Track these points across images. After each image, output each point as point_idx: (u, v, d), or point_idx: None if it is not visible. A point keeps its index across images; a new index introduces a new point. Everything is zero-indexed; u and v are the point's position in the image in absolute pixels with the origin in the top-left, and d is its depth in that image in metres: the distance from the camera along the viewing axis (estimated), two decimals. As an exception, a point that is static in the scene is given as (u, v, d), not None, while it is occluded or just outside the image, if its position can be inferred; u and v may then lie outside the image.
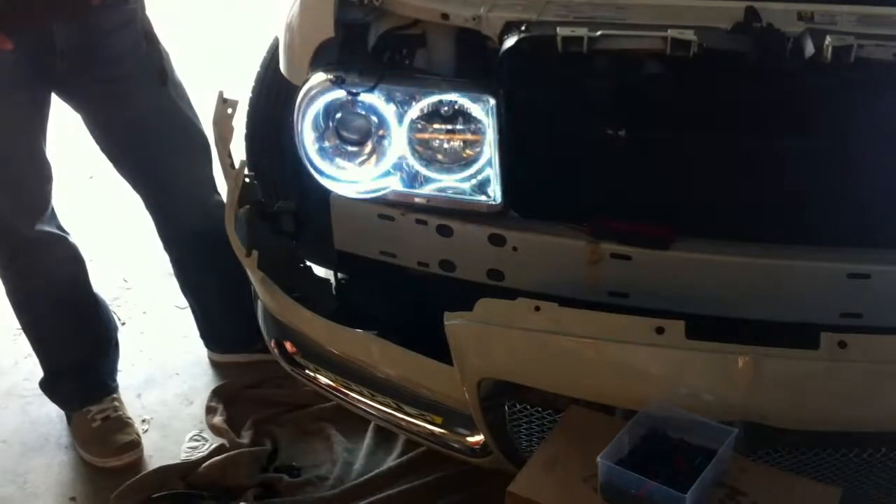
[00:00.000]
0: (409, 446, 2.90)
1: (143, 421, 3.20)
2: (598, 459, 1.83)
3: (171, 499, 2.84)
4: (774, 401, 1.92)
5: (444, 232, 2.27)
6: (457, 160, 2.24)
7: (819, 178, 2.05)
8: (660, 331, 1.93)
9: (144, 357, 3.46)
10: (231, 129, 2.48)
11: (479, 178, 2.22)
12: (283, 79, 2.45)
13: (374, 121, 2.25)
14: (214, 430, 3.10)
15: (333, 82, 2.22)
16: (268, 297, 2.47)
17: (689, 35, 1.93)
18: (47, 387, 3.17)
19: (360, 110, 2.25)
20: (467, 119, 2.19)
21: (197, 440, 3.10)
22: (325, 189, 2.37)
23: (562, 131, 2.15)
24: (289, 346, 2.60)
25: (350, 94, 2.22)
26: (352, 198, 2.35)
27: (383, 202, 2.32)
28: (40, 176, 2.86)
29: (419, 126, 2.22)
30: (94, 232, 3.74)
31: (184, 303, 3.41)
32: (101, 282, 3.23)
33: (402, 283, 2.42)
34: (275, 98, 2.58)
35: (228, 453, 2.94)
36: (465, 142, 2.22)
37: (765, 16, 1.96)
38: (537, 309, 2.02)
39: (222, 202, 2.88)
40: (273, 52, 2.62)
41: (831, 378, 1.90)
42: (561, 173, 2.19)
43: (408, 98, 2.20)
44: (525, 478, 1.93)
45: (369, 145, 2.27)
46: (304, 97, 2.26)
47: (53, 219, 2.96)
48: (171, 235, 3.17)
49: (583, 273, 2.16)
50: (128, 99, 2.80)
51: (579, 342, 2.01)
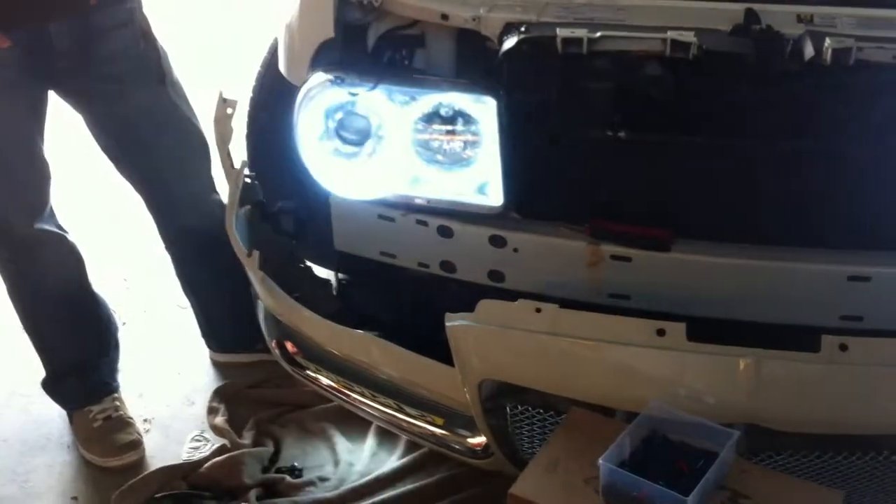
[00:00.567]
0: (410, 447, 2.90)
1: (145, 421, 3.20)
2: (600, 462, 1.83)
3: (173, 499, 2.84)
4: (775, 403, 1.92)
5: (445, 233, 2.26)
6: (457, 161, 2.23)
7: (819, 180, 2.04)
8: (661, 333, 1.93)
9: (146, 357, 3.46)
10: (231, 129, 2.48)
11: (480, 180, 2.21)
12: (282, 79, 2.45)
13: (373, 121, 2.24)
14: (216, 430, 3.10)
15: (333, 82, 2.22)
16: (268, 298, 2.47)
17: (689, 37, 1.92)
18: (49, 386, 3.17)
19: (359, 111, 2.25)
20: (467, 120, 2.18)
21: (198, 440, 3.11)
22: (325, 190, 2.36)
23: (562, 132, 2.14)
24: (290, 346, 2.60)
25: (350, 94, 2.22)
26: (352, 199, 2.35)
27: (383, 203, 2.31)
28: (39, 175, 2.86)
29: (419, 127, 2.22)
30: (94, 231, 3.74)
31: (185, 302, 3.41)
32: (101, 281, 3.23)
33: (402, 284, 2.42)
34: (275, 98, 2.58)
35: (230, 454, 2.94)
36: (464, 142, 2.21)
37: (764, 18, 1.96)
38: (538, 310, 2.02)
39: (222, 202, 2.88)
40: (273, 53, 2.61)
41: (832, 381, 1.89)
42: (561, 175, 2.18)
43: (408, 99, 2.20)
44: (526, 480, 1.93)
45: (369, 146, 2.27)
46: (304, 97, 2.26)
47: (52, 218, 2.96)
48: (172, 235, 3.17)
49: (583, 275, 2.16)
50: (126, 98, 2.80)
51: (580, 344, 2.01)
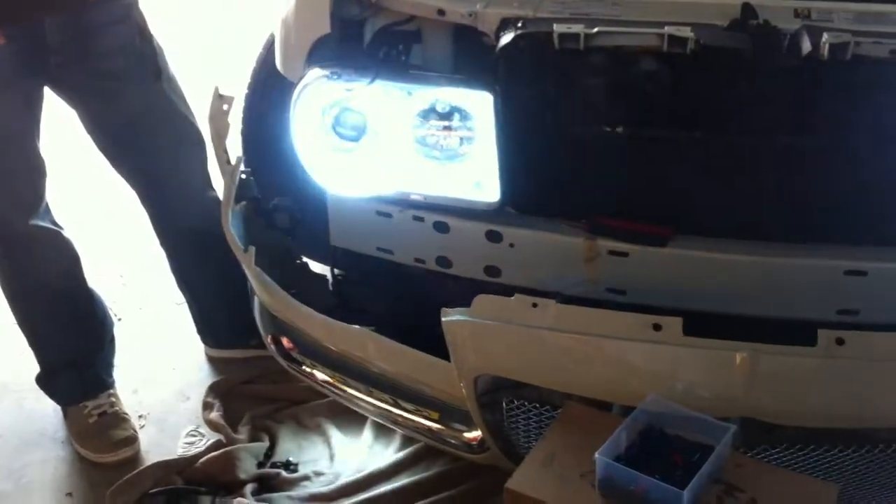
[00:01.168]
0: (406, 442, 2.90)
1: (140, 416, 3.20)
2: (596, 456, 1.84)
3: (168, 494, 2.84)
4: (771, 397, 1.93)
5: (441, 228, 2.26)
6: (453, 157, 2.23)
7: (815, 175, 2.04)
8: (657, 327, 1.94)
9: (141, 353, 3.45)
10: (227, 126, 2.48)
11: (476, 175, 2.21)
12: (278, 75, 2.44)
13: (370, 117, 2.24)
14: (211, 425, 3.10)
15: (329, 78, 2.22)
16: (264, 294, 2.47)
17: (686, 32, 1.92)
18: (43, 382, 3.17)
19: (355, 107, 2.25)
20: (464, 115, 2.18)
21: (194, 436, 3.11)
22: (321, 185, 2.36)
23: (558, 128, 2.14)
24: (285, 342, 2.60)
25: (346, 90, 2.22)
26: (348, 194, 2.35)
27: (380, 199, 2.31)
28: (34, 170, 2.86)
29: (415, 123, 2.21)
30: (89, 227, 3.74)
31: (180, 298, 3.41)
32: (96, 277, 3.23)
33: (398, 280, 2.42)
34: (271, 94, 2.58)
35: (225, 449, 2.94)
36: (461, 138, 2.21)
37: (761, 13, 1.95)
38: (534, 305, 2.03)
39: (217, 198, 2.88)
40: (269, 48, 2.61)
41: (828, 375, 1.90)
42: (558, 170, 2.18)
43: (404, 94, 2.20)
44: (523, 474, 1.94)
45: (365, 142, 2.27)
46: (300, 93, 2.26)
47: (48, 214, 2.96)
48: (167, 231, 3.17)
49: (580, 270, 2.16)
50: (121, 94, 2.80)
51: (576, 339, 2.02)
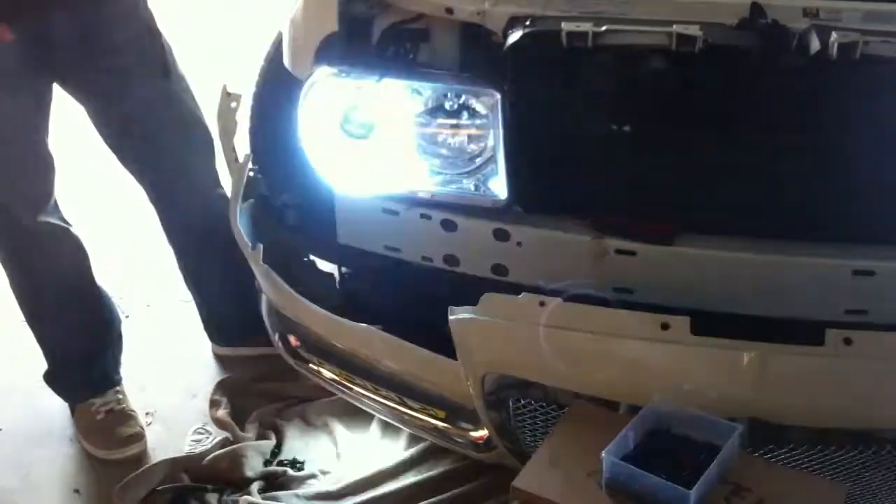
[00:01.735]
0: (412, 441, 2.90)
1: (147, 414, 3.20)
2: (603, 454, 1.83)
3: (175, 492, 2.84)
4: (779, 397, 1.92)
5: (449, 227, 2.26)
6: (461, 155, 2.23)
7: (824, 174, 2.04)
8: (665, 327, 1.93)
9: (148, 350, 3.45)
10: (235, 123, 2.48)
11: (484, 173, 2.21)
12: (286, 73, 2.44)
13: (377, 115, 2.24)
14: (218, 423, 3.10)
15: (337, 76, 2.22)
16: (272, 291, 2.47)
17: (695, 31, 1.92)
18: (51, 379, 3.18)
19: (363, 105, 2.24)
20: (472, 114, 2.18)
21: (201, 433, 3.11)
22: (328, 183, 2.36)
23: (566, 126, 2.14)
24: (293, 339, 2.60)
25: (354, 88, 2.22)
26: (356, 192, 2.35)
27: (387, 197, 2.31)
28: (43, 167, 2.86)
29: (423, 121, 2.22)
30: (97, 224, 3.73)
31: (188, 296, 3.41)
32: (104, 274, 3.23)
33: (406, 278, 2.42)
34: (279, 92, 2.57)
35: (232, 447, 2.95)
36: (469, 136, 2.21)
37: (770, 12, 1.95)
38: (542, 304, 2.02)
39: (225, 195, 2.88)
40: (277, 46, 2.60)
41: (836, 375, 1.90)
42: (565, 168, 2.18)
43: (412, 92, 2.20)
44: (529, 473, 1.93)
45: (373, 140, 2.27)
46: (308, 91, 2.26)
47: (56, 210, 2.96)
48: (175, 228, 3.17)
49: (588, 268, 2.16)
50: (129, 91, 2.80)
51: (584, 337, 2.01)
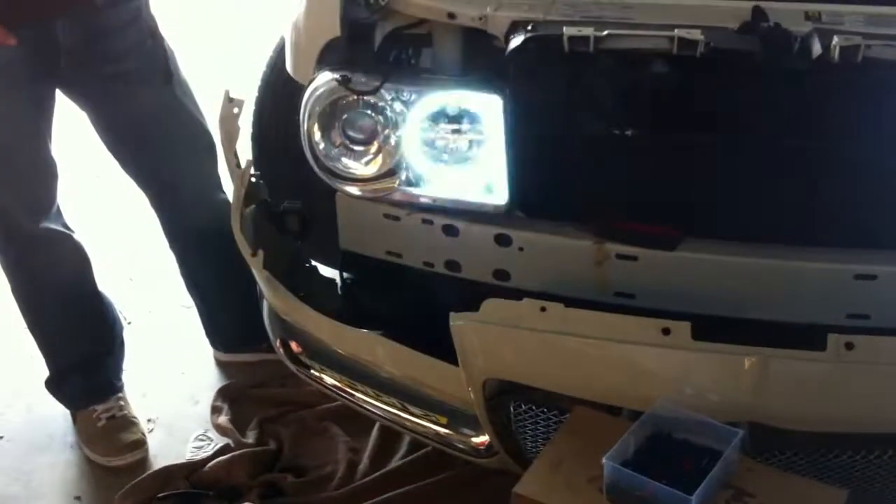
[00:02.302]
0: (414, 446, 2.89)
1: (149, 420, 3.20)
2: (604, 460, 1.83)
3: (176, 498, 2.84)
4: (781, 402, 1.92)
5: (450, 232, 2.26)
6: (462, 160, 2.23)
7: (826, 178, 2.04)
8: (666, 332, 1.93)
9: (150, 356, 3.46)
10: (237, 129, 2.48)
11: (485, 178, 2.22)
12: (289, 78, 2.45)
13: (379, 120, 2.24)
14: (220, 429, 3.10)
15: (339, 82, 2.22)
16: (273, 297, 2.47)
17: (696, 35, 1.92)
18: (53, 385, 3.17)
19: (365, 110, 2.25)
20: (473, 119, 2.18)
21: (202, 440, 3.11)
22: (330, 189, 2.36)
23: (568, 131, 2.14)
24: (294, 345, 2.59)
25: (356, 93, 2.22)
26: (357, 197, 2.35)
27: (389, 202, 2.31)
28: (45, 173, 2.86)
29: (425, 125, 2.22)
30: (99, 230, 3.74)
31: (189, 302, 3.41)
32: (106, 280, 3.23)
33: (407, 283, 2.42)
34: (281, 97, 2.58)
35: (233, 453, 2.95)
36: (470, 141, 2.21)
37: (772, 15, 1.96)
38: (543, 309, 2.01)
39: (227, 201, 2.88)
40: (279, 52, 2.61)
41: (838, 379, 1.89)
42: (567, 173, 2.18)
43: (414, 97, 2.20)
44: (530, 479, 1.93)
45: (375, 145, 2.27)
46: (310, 96, 2.26)
47: (59, 217, 2.97)
48: (177, 234, 3.17)
49: (589, 273, 2.16)
50: (132, 97, 2.80)
51: (585, 343, 2.00)
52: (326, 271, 2.66)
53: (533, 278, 2.23)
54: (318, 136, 2.29)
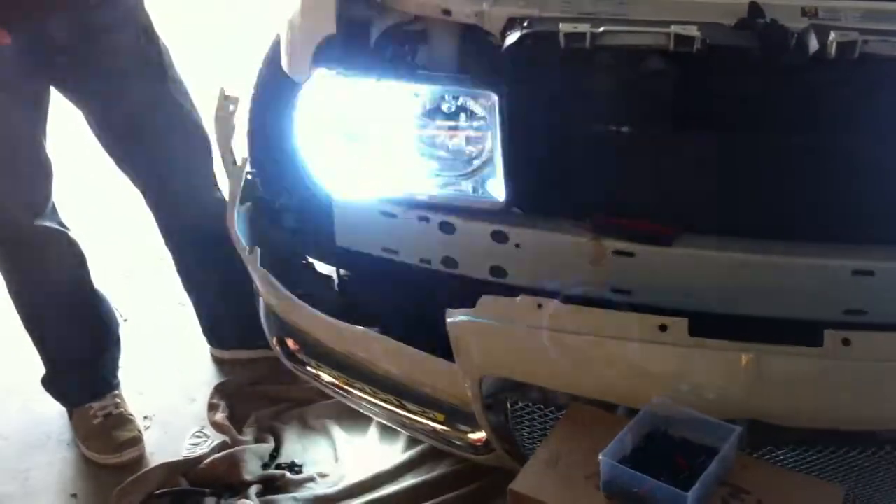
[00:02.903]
0: (411, 443, 2.89)
1: (145, 418, 3.19)
2: (601, 457, 1.83)
3: (173, 496, 2.83)
4: (778, 398, 1.92)
5: (447, 229, 2.26)
6: (459, 157, 2.23)
7: (823, 174, 2.04)
8: (663, 328, 1.93)
9: (146, 354, 3.45)
10: (232, 126, 2.47)
11: (482, 175, 2.21)
12: (284, 75, 2.44)
13: (375, 118, 2.24)
14: (216, 426, 3.10)
15: (335, 79, 2.21)
16: (269, 295, 2.47)
17: (693, 31, 1.91)
18: (48, 383, 3.17)
19: (361, 107, 2.24)
20: (470, 115, 2.18)
21: (199, 437, 3.10)
22: (326, 186, 2.36)
23: (564, 127, 2.14)
24: (291, 343, 2.59)
25: (352, 90, 2.22)
26: (353, 195, 2.34)
27: (385, 199, 2.31)
28: (41, 171, 2.86)
29: (421, 123, 2.21)
30: (95, 228, 3.73)
31: (186, 299, 3.40)
32: (102, 278, 3.22)
33: (404, 280, 2.42)
34: (277, 95, 2.57)
35: (230, 450, 2.94)
36: (467, 138, 2.21)
37: (768, 11, 1.95)
38: (539, 306, 2.01)
39: (223, 198, 2.88)
40: (274, 49, 2.60)
41: (835, 376, 1.89)
42: (564, 170, 2.18)
43: (410, 95, 2.19)
44: (527, 476, 1.93)
45: (371, 142, 2.26)
46: (306, 93, 2.26)
47: (54, 214, 2.96)
48: (172, 231, 3.17)
49: (586, 270, 2.15)
50: (126, 94, 2.80)
51: (582, 339, 2.00)
52: (323, 268, 2.65)
53: (529, 275, 2.22)
54: (313, 133, 2.29)
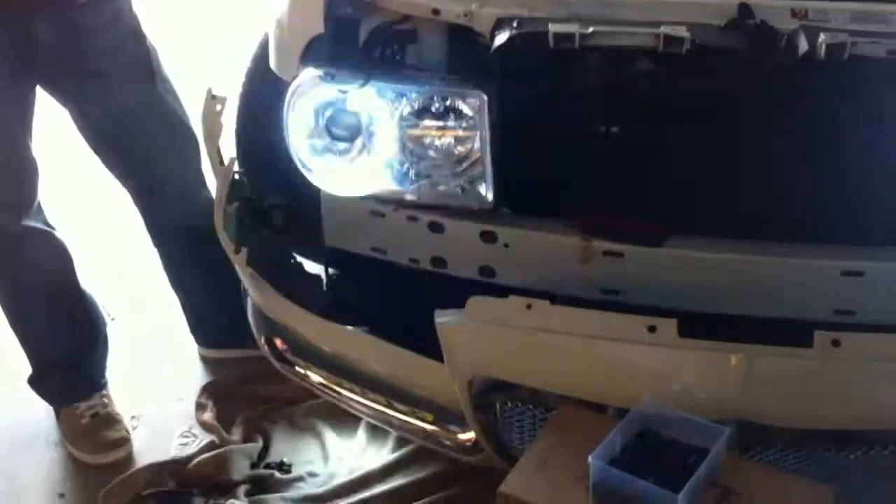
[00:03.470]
0: (400, 443, 2.89)
1: (133, 417, 3.19)
2: (590, 459, 1.82)
3: (161, 495, 2.83)
4: (767, 399, 1.92)
5: (436, 228, 2.25)
6: (448, 157, 2.22)
7: (812, 175, 2.04)
8: (652, 329, 1.93)
9: (134, 353, 3.44)
10: (220, 126, 2.46)
11: (471, 175, 2.20)
12: (272, 75, 2.43)
13: (364, 117, 2.23)
14: (204, 426, 3.10)
15: (323, 78, 2.20)
16: (257, 294, 2.46)
17: (682, 31, 1.91)
18: (35, 383, 3.16)
19: (350, 107, 2.23)
20: (459, 115, 2.17)
21: (187, 437, 3.10)
22: (315, 185, 2.35)
23: (553, 128, 2.14)
24: (279, 342, 2.59)
25: (340, 90, 2.21)
26: (342, 194, 2.34)
27: (374, 199, 2.30)
28: (26, 170, 2.84)
29: (410, 122, 2.20)
30: (82, 227, 3.72)
31: (174, 298, 3.39)
32: (89, 277, 3.22)
33: (393, 280, 2.41)
34: (264, 94, 2.56)
35: (218, 450, 2.94)
36: (456, 138, 2.20)
37: (758, 12, 1.95)
38: (529, 307, 2.01)
39: (212, 199, 2.85)
40: (263, 48, 2.59)
41: (824, 376, 1.89)
42: (553, 170, 2.17)
43: (398, 94, 2.18)
44: (516, 477, 1.92)
45: (360, 142, 2.25)
46: (294, 93, 2.24)
47: (40, 214, 2.95)
48: (160, 231, 3.16)
49: (575, 270, 2.15)
50: (114, 95, 2.79)
51: (571, 340, 2.00)
52: (312, 267, 2.64)
53: (518, 275, 2.22)
54: (301, 133, 2.27)
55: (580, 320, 2.00)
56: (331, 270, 2.54)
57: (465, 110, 2.15)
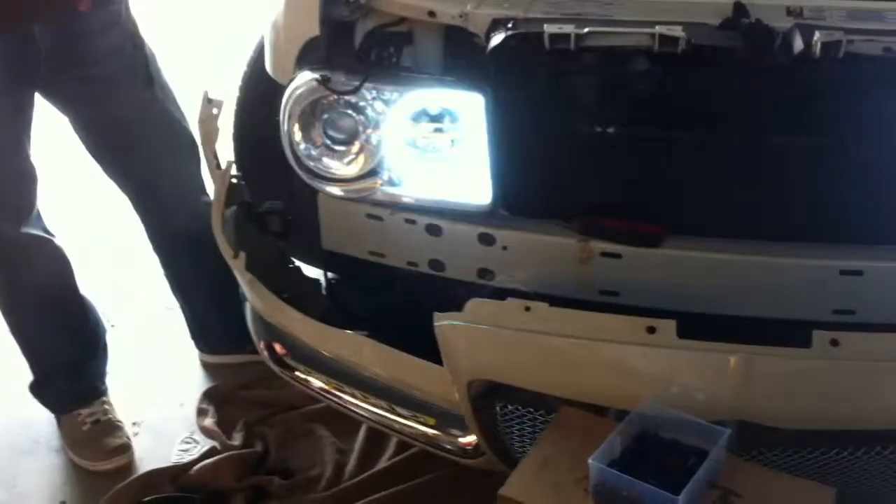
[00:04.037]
0: (401, 447, 2.88)
1: (134, 424, 3.18)
2: (590, 461, 1.82)
3: (162, 502, 2.82)
4: (767, 400, 1.91)
5: (434, 231, 2.25)
6: (445, 159, 2.22)
7: (810, 174, 2.03)
8: (651, 330, 1.92)
9: (134, 359, 3.44)
10: (216, 130, 2.46)
11: (468, 177, 2.20)
12: (269, 78, 2.43)
13: (360, 120, 2.23)
14: (205, 432, 3.09)
15: (319, 82, 2.20)
16: (256, 299, 2.45)
17: (677, 31, 1.91)
18: (36, 390, 3.16)
19: (346, 109, 2.23)
20: (455, 117, 2.17)
21: (188, 442, 3.09)
22: (312, 189, 2.35)
23: (550, 129, 2.13)
24: (278, 347, 2.58)
25: (336, 93, 2.21)
26: (340, 198, 2.33)
27: (371, 202, 2.30)
28: (25, 177, 2.84)
29: (406, 125, 2.20)
30: (81, 234, 3.73)
31: (174, 303, 3.39)
32: (89, 284, 3.21)
33: (391, 284, 2.41)
34: (261, 97, 2.56)
35: (219, 455, 2.94)
36: (452, 140, 2.20)
37: (753, 11, 1.95)
38: (527, 309, 2.00)
39: (210, 203, 2.86)
40: (259, 51, 2.59)
41: (824, 376, 1.88)
42: (550, 171, 2.17)
43: (395, 97, 2.18)
44: (516, 480, 1.92)
45: (356, 144, 2.25)
46: (290, 96, 2.24)
47: (39, 221, 2.94)
48: (160, 236, 3.16)
49: (573, 272, 2.14)
50: (113, 101, 2.79)
51: (570, 342, 1.99)
52: (311, 272, 2.64)
53: (517, 277, 2.21)
54: (298, 136, 2.28)
55: (579, 322, 1.99)
56: (329, 274, 2.53)
57: (462, 112, 2.15)
